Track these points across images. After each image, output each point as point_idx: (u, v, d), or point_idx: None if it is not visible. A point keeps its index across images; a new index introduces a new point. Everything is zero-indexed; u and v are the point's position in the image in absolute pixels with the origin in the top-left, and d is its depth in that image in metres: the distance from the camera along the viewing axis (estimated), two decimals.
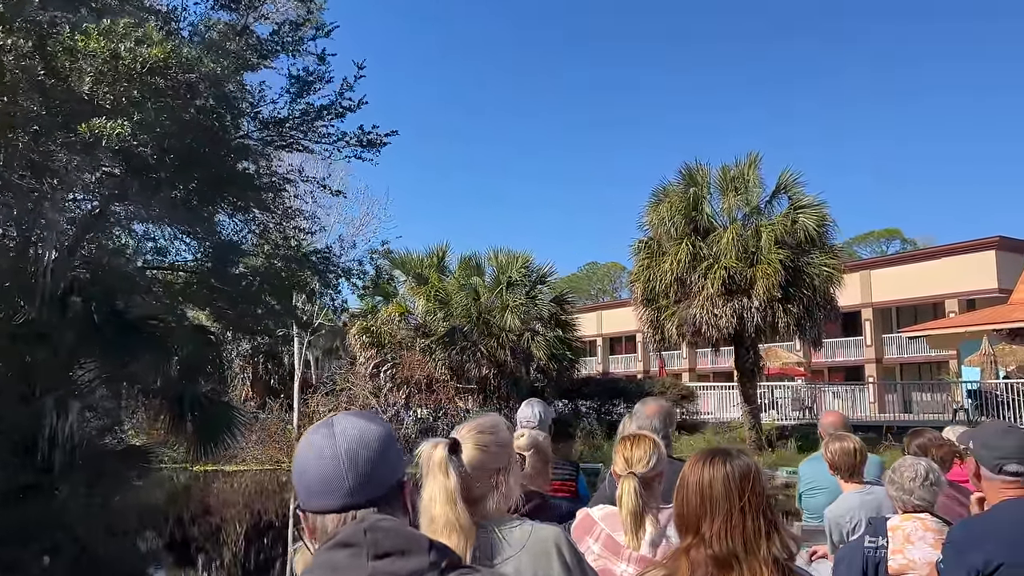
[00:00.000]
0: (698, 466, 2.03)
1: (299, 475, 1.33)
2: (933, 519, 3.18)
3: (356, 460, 1.29)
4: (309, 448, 1.33)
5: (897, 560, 3.09)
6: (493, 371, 22.45)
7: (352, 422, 1.35)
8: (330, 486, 1.29)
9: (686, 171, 20.62)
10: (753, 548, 1.90)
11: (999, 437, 2.76)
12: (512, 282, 22.71)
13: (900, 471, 3.30)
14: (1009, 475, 2.64)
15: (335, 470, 1.29)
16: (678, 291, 19.68)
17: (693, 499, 1.99)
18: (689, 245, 19.34)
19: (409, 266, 24.23)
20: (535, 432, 3.44)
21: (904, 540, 3.12)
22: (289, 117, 10.88)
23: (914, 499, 3.22)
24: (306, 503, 1.32)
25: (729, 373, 36.66)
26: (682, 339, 20.26)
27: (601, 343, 47.56)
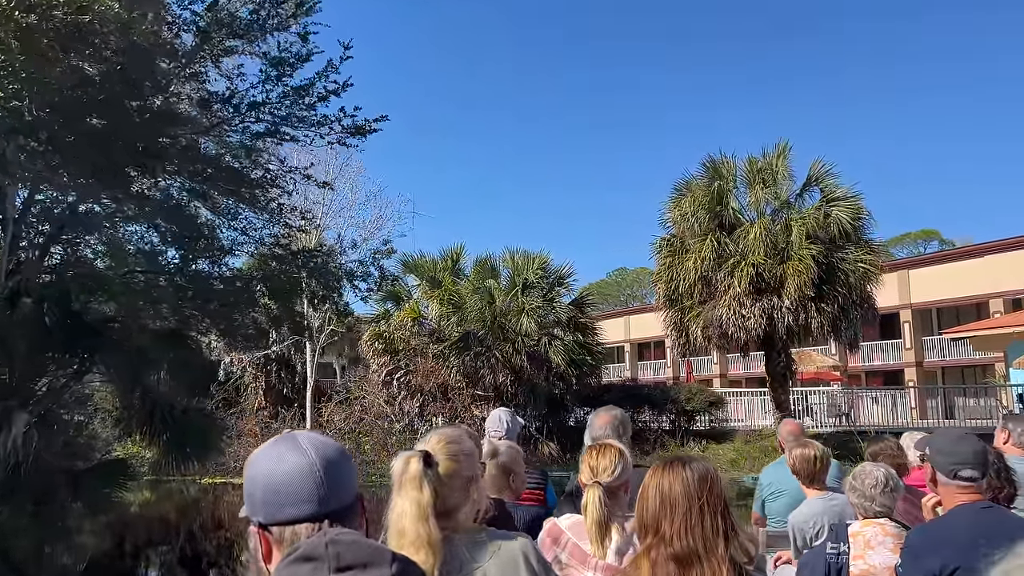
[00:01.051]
0: (658, 472, 2.09)
1: (266, 486, 1.31)
2: (892, 524, 3.26)
3: (328, 468, 1.32)
4: (277, 459, 1.32)
5: (858, 565, 3.17)
6: (510, 378, 21.41)
7: (313, 435, 1.38)
8: (303, 495, 1.29)
9: (710, 164, 19.46)
10: (712, 547, 1.94)
11: (953, 443, 2.85)
12: (528, 284, 21.66)
13: (861, 478, 3.35)
14: (963, 480, 2.72)
15: (311, 477, 1.30)
16: (703, 291, 18.51)
17: (653, 502, 2.04)
18: (714, 241, 18.17)
19: (422, 269, 23.32)
20: (498, 441, 3.48)
21: (865, 546, 3.20)
22: (265, 101, 9.98)
23: (875, 506, 3.29)
24: (274, 515, 1.30)
25: (762, 379, 35.48)
26: (708, 342, 19.07)
27: (629, 349, 46.33)
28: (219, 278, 13.51)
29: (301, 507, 1.28)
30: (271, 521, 1.30)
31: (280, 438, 1.37)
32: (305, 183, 12.07)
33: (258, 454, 1.36)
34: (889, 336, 33.05)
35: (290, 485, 1.29)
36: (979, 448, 2.83)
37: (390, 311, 23.66)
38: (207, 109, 10.07)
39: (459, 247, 23.61)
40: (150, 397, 10.14)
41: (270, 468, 1.32)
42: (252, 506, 1.33)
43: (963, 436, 2.95)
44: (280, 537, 1.29)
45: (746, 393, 27.59)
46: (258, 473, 1.33)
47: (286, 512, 1.29)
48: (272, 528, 1.30)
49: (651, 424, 23.46)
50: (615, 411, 3.86)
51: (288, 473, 1.30)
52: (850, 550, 3.24)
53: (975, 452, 2.78)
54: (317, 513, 1.29)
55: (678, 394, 23.10)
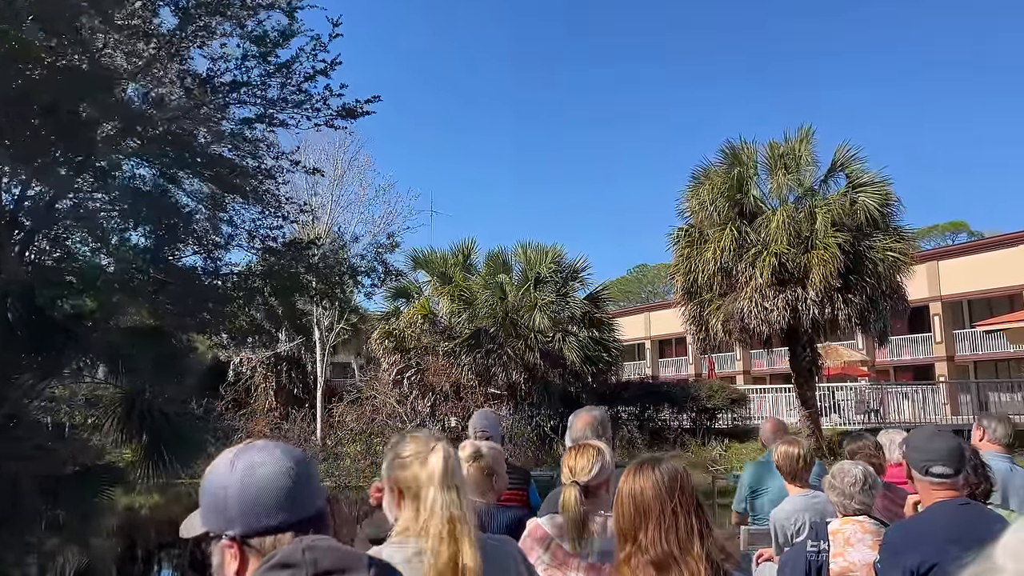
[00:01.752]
0: (629, 477, 2.09)
1: (244, 496, 1.28)
2: (871, 521, 3.29)
3: (303, 472, 1.33)
4: (251, 467, 1.31)
5: (838, 563, 3.21)
6: (523, 376, 20.68)
7: (277, 443, 1.39)
8: (285, 501, 1.29)
9: (729, 150, 18.59)
10: (687, 547, 1.94)
11: (926, 440, 2.89)
12: (541, 279, 20.91)
13: (840, 477, 3.38)
14: (935, 476, 2.76)
15: (291, 482, 1.30)
16: (723, 282, 17.65)
17: (628, 509, 2.03)
18: (734, 231, 17.32)
19: (433, 265, 22.65)
20: (480, 443, 3.40)
21: (844, 543, 3.24)
22: (247, 81, 9.32)
23: (854, 503, 3.32)
24: (255, 525, 1.28)
25: (787, 375, 34.48)
26: (729, 336, 18.20)
27: (650, 346, 45.42)
28: (214, 273, 12.94)
29: (284, 513, 1.28)
30: (251, 531, 1.28)
31: (242, 448, 1.36)
32: (295, 171, 11.39)
33: (221, 466, 1.33)
34: (918, 330, 31.92)
35: (271, 492, 1.28)
36: (952, 445, 2.83)
37: (400, 308, 23.02)
38: (187, 91, 9.46)
39: (470, 242, 22.97)
40: (128, 397, 9.55)
41: (245, 477, 1.30)
42: (222, 519, 1.29)
43: (936, 433, 2.96)
44: (261, 547, 1.26)
45: (770, 390, 26.66)
46: (230, 484, 1.30)
47: (269, 520, 1.28)
48: (252, 540, 1.27)
49: (671, 423, 22.64)
50: (595, 411, 3.85)
51: (267, 479, 1.29)
52: (830, 548, 3.27)
53: (947, 449, 2.79)
54: (301, 518, 1.29)
55: (699, 391, 22.25)
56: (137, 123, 8.66)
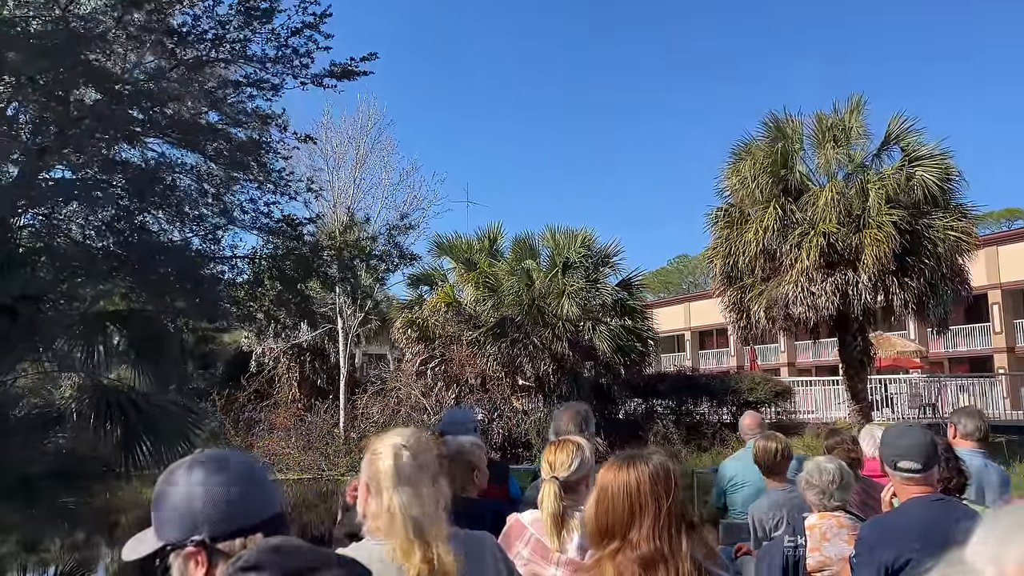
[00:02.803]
0: (621, 471, 2.01)
1: (213, 499, 1.29)
2: (847, 516, 3.36)
3: (262, 475, 1.38)
4: (214, 470, 1.32)
5: (815, 557, 3.26)
6: (552, 367, 19.54)
7: (228, 451, 1.44)
8: (254, 503, 1.31)
9: (772, 122, 17.17)
10: (677, 546, 1.92)
11: (895, 436, 2.94)
12: (570, 264, 19.70)
13: (815, 473, 3.42)
14: (904, 471, 2.79)
15: (257, 483, 1.34)
16: (765, 265, 16.29)
17: (619, 504, 1.97)
18: (778, 208, 15.93)
19: (458, 251, 21.59)
20: (461, 437, 3.48)
21: (820, 538, 3.29)
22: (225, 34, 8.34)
23: (829, 500, 3.37)
24: (226, 528, 1.28)
25: (833, 367, 32.79)
26: (772, 324, 16.81)
27: (690, 337, 43.94)
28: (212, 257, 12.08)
29: (252, 514, 1.29)
30: (220, 534, 1.28)
31: (195, 457, 1.37)
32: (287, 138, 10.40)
33: (178, 475, 1.34)
34: (975, 319, 30.03)
35: (236, 493, 1.29)
36: (921, 440, 2.84)
37: (424, 296, 22.05)
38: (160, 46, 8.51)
39: (497, 226, 21.84)
40: (100, 386, 8.66)
41: (207, 481, 1.30)
42: (185, 527, 1.29)
43: (907, 429, 3.01)
44: (231, 550, 1.26)
45: (817, 383, 25.13)
46: (192, 489, 1.30)
47: (237, 521, 1.28)
48: (221, 544, 1.27)
49: (709, 417, 21.31)
50: (578, 407, 3.96)
51: (230, 482, 1.30)
52: (807, 542, 3.30)
53: (916, 444, 2.82)
54: (266, 518, 1.30)
55: (739, 384, 20.85)
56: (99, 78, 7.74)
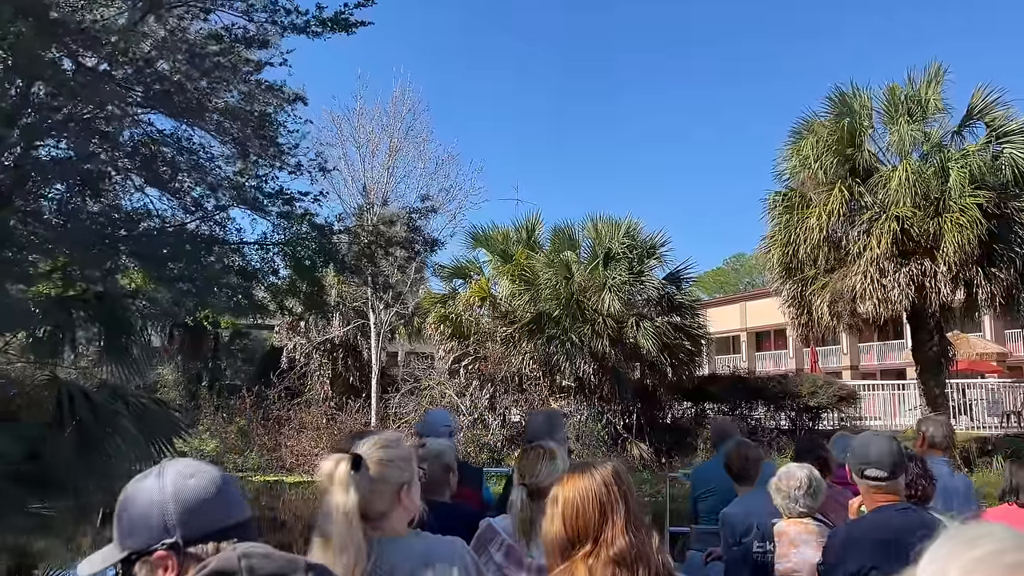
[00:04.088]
0: (583, 478, 2.03)
1: (184, 501, 1.28)
2: (815, 523, 3.41)
3: (230, 480, 1.37)
4: (184, 475, 1.32)
5: (783, 564, 3.32)
6: (593, 366, 18.09)
7: (192, 459, 1.42)
8: (224, 506, 1.30)
9: (837, 96, 15.43)
10: (649, 541, 1.95)
11: (862, 445, 2.98)
12: (612, 255, 18.22)
13: (785, 479, 3.49)
14: (870, 479, 2.84)
15: (226, 487, 1.33)
16: (830, 255, 14.58)
17: (591, 507, 1.97)
18: (844, 191, 14.21)
19: (494, 242, 20.29)
20: (437, 441, 3.44)
21: (789, 544, 3.35)
22: None
23: (798, 506, 3.42)
24: (199, 530, 1.27)
25: (899, 371, 30.55)
26: (836, 321, 15.06)
27: (745, 338, 41.88)
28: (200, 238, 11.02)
29: (224, 517, 1.29)
30: (193, 537, 1.26)
31: (163, 464, 1.38)
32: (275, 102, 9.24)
33: (147, 482, 1.33)
34: None
35: (209, 496, 1.29)
36: (887, 449, 2.87)
37: (458, 290, 20.82)
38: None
39: (535, 216, 20.46)
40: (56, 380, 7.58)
41: (179, 485, 1.30)
42: (155, 531, 1.26)
43: (872, 438, 3.04)
44: (203, 554, 1.25)
45: (885, 386, 23.11)
46: (164, 493, 1.29)
47: (210, 524, 1.27)
48: (192, 547, 1.26)
49: (766, 423, 19.59)
50: (550, 412, 4.56)
51: (203, 485, 1.30)
52: (775, 548, 3.36)
53: (881, 453, 2.85)
54: (239, 522, 1.30)
55: (799, 387, 19.05)
56: None
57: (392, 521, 1.90)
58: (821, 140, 14.85)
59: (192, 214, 11.13)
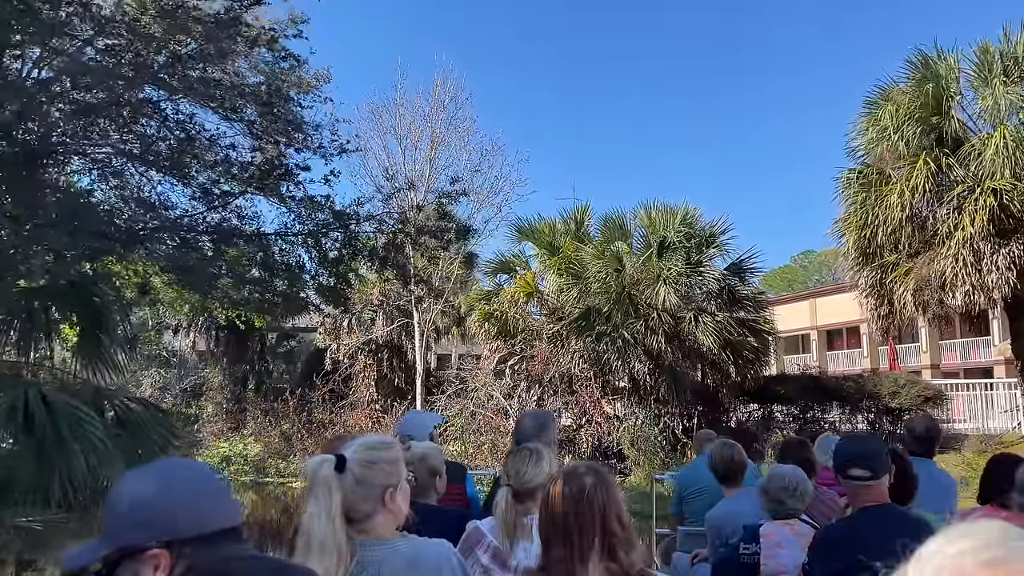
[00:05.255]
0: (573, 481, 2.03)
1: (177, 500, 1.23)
2: (801, 523, 3.41)
3: (224, 483, 1.57)
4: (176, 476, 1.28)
5: (769, 565, 3.35)
6: (648, 365, 16.69)
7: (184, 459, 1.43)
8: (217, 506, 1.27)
9: (919, 59, 13.70)
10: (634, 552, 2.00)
11: (846, 444, 3.07)
12: (667, 245, 16.77)
13: (772, 481, 3.54)
14: (853, 479, 2.85)
15: (220, 489, 1.30)
16: (913, 237, 12.90)
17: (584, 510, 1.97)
18: (929, 163, 12.52)
19: (540, 235, 19.06)
20: (423, 444, 3.45)
21: (775, 545, 3.37)
22: None
23: (784, 507, 3.45)
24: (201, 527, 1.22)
25: (987, 370, 28.14)
26: (923, 310, 13.32)
27: (816, 337, 39.58)
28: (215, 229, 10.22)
29: (220, 522, 1.25)
30: (187, 537, 1.22)
31: (154, 464, 1.35)
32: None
33: (141, 479, 1.28)
34: None
35: (206, 500, 1.26)
36: (870, 449, 2.92)
37: (503, 285, 19.66)
38: None
39: (584, 206, 19.15)
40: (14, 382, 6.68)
41: (174, 483, 1.27)
42: (150, 528, 1.20)
43: (856, 437, 3.46)
44: (196, 555, 1.21)
45: (973, 386, 21.01)
46: (158, 491, 1.24)
47: (207, 527, 1.23)
48: (185, 547, 1.21)
49: (841, 426, 17.85)
50: (539, 413, 4.25)
51: (201, 486, 1.28)
52: (762, 550, 3.36)
53: (865, 452, 2.89)
54: (234, 527, 1.27)
55: (878, 387, 17.24)
56: None
57: (377, 524, 1.90)
58: (901, 108, 13.16)
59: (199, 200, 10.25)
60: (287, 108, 9.76)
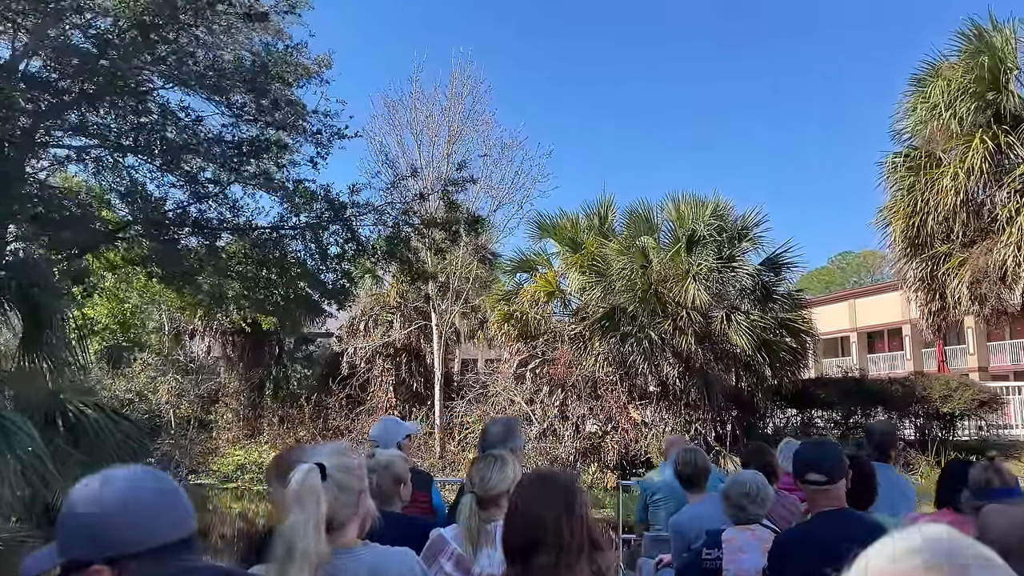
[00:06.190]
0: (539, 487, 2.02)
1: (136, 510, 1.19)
2: (762, 528, 3.44)
3: (178, 492, 1.28)
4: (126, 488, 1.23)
5: (731, 570, 3.36)
6: (678, 368, 15.61)
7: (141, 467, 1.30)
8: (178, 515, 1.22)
9: (973, 31, 12.50)
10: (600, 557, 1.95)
11: (804, 450, 3.09)
12: (697, 238, 15.67)
13: (733, 487, 3.54)
14: (811, 483, 2.89)
15: (178, 496, 1.25)
16: (968, 224, 11.72)
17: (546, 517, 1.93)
18: (987, 142, 11.32)
19: (562, 231, 18.07)
20: (386, 451, 3.42)
21: (737, 551, 3.38)
22: None
23: (746, 513, 3.46)
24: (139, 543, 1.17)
25: None
26: (979, 305, 12.08)
27: (855, 339, 38.10)
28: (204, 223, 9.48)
29: (170, 534, 1.21)
30: (134, 552, 1.17)
31: (107, 472, 1.27)
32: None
33: (91, 489, 1.23)
34: None
35: (156, 512, 1.21)
36: (828, 454, 2.96)
37: (523, 284, 18.70)
38: None
39: (608, 200, 18.11)
40: None
41: (122, 495, 1.22)
42: (96, 543, 1.16)
43: (815, 443, 3.26)
44: (142, 570, 1.17)
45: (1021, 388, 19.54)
46: (107, 504, 1.19)
47: (155, 540, 1.19)
48: (132, 562, 1.16)
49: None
50: (505, 420, 3.94)
51: (148, 496, 1.22)
52: (724, 555, 3.39)
53: (822, 458, 2.92)
54: (184, 537, 1.22)
55: (928, 390, 15.94)
56: None
57: (348, 531, 1.87)
58: (954, 83, 11.98)
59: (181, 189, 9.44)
60: (275, 88, 8.92)
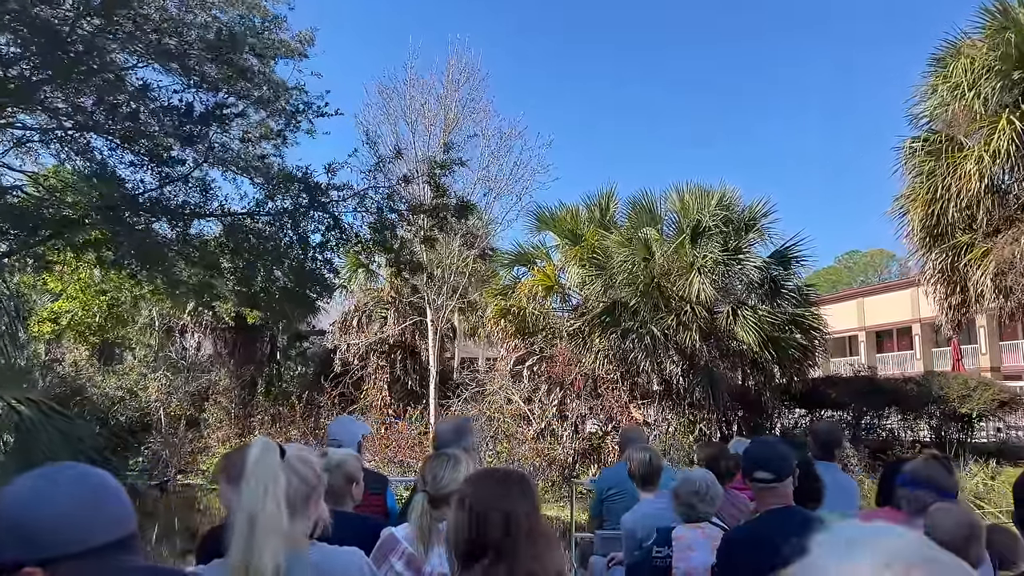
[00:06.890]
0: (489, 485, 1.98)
1: (55, 518, 1.16)
2: (711, 527, 3.48)
3: (117, 491, 1.24)
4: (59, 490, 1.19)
5: (680, 568, 3.39)
6: (681, 365, 14.87)
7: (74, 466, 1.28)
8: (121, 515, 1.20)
9: (998, 7, 11.70)
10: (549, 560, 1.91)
11: (753, 448, 3.12)
12: (702, 230, 14.91)
13: (683, 486, 3.58)
14: (758, 481, 2.93)
15: (115, 501, 1.22)
16: (993, 211, 10.96)
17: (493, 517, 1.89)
18: (1015, 122, 10.54)
19: (562, 223, 17.33)
20: (340, 451, 3.42)
21: (687, 548, 3.42)
22: None
23: (695, 511, 3.50)
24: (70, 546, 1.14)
25: None
26: (1004, 298, 11.29)
27: (864, 339, 37.28)
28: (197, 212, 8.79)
29: (107, 534, 1.18)
30: (70, 552, 1.15)
31: (39, 473, 1.24)
32: None
33: (22, 490, 1.20)
34: None
35: (89, 510, 1.19)
36: (775, 453, 2.98)
37: (520, 279, 17.97)
38: None
39: (609, 191, 17.34)
40: None
41: (57, 495, 1.19)
42: (26, 546, 1.13)
43: (763, 441, 3.21)
44: (78, 572, 1.15)
45: None
46: (38, 506, 1.16)
47: (91, 540, 1.17)
48: (68, 563, 1.14)
49: (900, 433, 15.81)
50: (458, 420, 4.16)
51: (85, 495, 1.20)
52: (674, 552, 3.43)
53: (770, 456, 2.95)
54: (124, 537, 1.20)
55: (945, 390, 15.15)
56: None
57: (297, 529, 1.79)
58: (977, 62, 11.21)
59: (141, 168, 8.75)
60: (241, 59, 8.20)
